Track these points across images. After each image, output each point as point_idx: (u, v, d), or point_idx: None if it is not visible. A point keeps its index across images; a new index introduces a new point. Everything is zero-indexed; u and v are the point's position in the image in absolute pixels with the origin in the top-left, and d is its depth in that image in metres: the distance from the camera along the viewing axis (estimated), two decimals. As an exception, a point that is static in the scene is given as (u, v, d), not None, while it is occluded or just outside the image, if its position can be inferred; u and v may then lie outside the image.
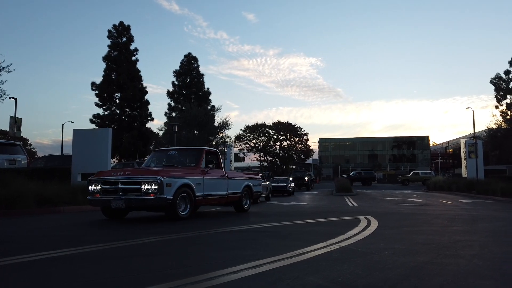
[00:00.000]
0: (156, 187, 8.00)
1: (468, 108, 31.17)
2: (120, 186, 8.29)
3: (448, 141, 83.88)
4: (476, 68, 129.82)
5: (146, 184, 8.06)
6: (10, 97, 22.04)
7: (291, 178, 27.88)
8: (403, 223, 8.60)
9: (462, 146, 32.13)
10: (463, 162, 31.95)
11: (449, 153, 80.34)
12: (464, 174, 31.58)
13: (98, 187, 8.58)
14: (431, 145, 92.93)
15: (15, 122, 22.20)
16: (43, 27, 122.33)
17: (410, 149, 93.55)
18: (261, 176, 18.21)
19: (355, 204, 15.61)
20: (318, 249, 5.05)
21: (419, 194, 25.40)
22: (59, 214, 10.53)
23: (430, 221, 9.11)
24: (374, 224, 8.10)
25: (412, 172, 46.94)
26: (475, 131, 28.26)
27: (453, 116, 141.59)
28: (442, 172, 59.45)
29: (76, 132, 15.05)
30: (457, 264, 4.25)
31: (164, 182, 8.07)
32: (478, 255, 4.83)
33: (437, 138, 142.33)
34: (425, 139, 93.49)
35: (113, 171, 9.14)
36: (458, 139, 56.61)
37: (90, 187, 8.74)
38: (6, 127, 25.76)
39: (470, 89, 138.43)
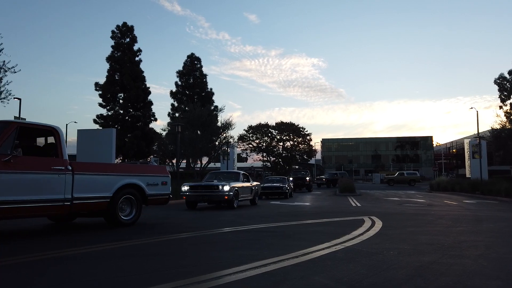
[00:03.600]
0: None
1: (472, 108, 31.14)
2: None
3: (451, 142, 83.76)
4: (479, 68, 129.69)
5: None
6: (14, 98, 22.17)
7: (291, 178, 27.40)
8: (407, 223, 8.58)
9: (466, 147, 32.14)
10: (467, 162, 31.93)
11: (452, 154, 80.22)
12: (468, 175, 31.55)
13: None
14: (434, 145, 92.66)
15: (19, 122, 22.29)
16: (46, 28, 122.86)
17: (413, 149, 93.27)
18: (243, 174, 14.93)
19: (358, 204, 15.58)
20: (323, 249, 5.06)
21: (423, 194, 25.31)
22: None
23: (434, 221, 9.09)
24: (378, 224, 8.09)
25: (397, 173, 46.97)
26: (479, 131, 28.14)
27: (455, 116, 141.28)
28: (446, 172, 59.37)
29: (80, 132, 15.18)
30: (462, 264, 4.24)
31: None
32: (484, 255, 4.82)
33: (439, 138, 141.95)
34: (428, 139, 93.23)
35: None
36: (462, 139, 56.52)
37: None
38: (10, 127, 25.78)
39: (473, 89, 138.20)
